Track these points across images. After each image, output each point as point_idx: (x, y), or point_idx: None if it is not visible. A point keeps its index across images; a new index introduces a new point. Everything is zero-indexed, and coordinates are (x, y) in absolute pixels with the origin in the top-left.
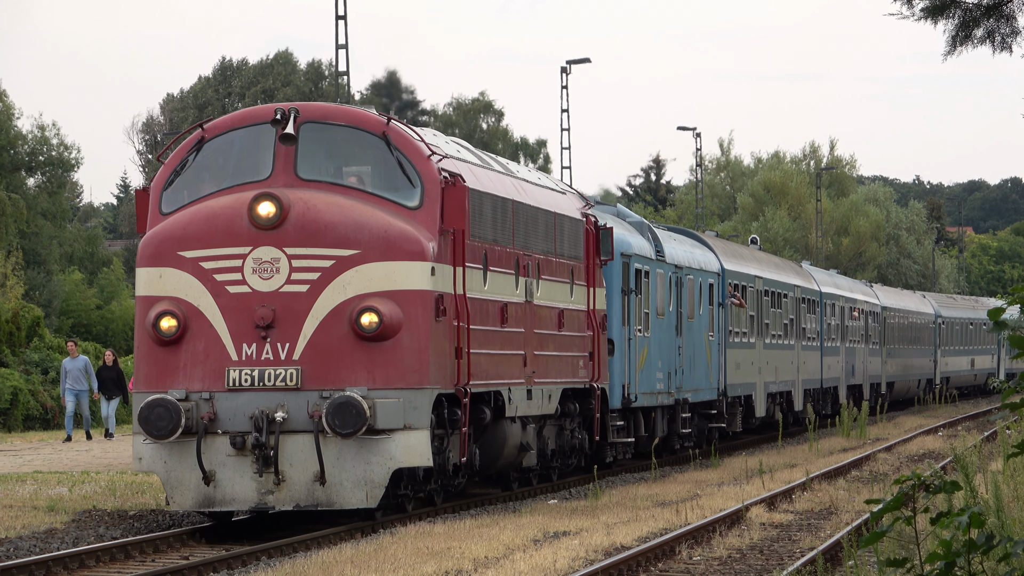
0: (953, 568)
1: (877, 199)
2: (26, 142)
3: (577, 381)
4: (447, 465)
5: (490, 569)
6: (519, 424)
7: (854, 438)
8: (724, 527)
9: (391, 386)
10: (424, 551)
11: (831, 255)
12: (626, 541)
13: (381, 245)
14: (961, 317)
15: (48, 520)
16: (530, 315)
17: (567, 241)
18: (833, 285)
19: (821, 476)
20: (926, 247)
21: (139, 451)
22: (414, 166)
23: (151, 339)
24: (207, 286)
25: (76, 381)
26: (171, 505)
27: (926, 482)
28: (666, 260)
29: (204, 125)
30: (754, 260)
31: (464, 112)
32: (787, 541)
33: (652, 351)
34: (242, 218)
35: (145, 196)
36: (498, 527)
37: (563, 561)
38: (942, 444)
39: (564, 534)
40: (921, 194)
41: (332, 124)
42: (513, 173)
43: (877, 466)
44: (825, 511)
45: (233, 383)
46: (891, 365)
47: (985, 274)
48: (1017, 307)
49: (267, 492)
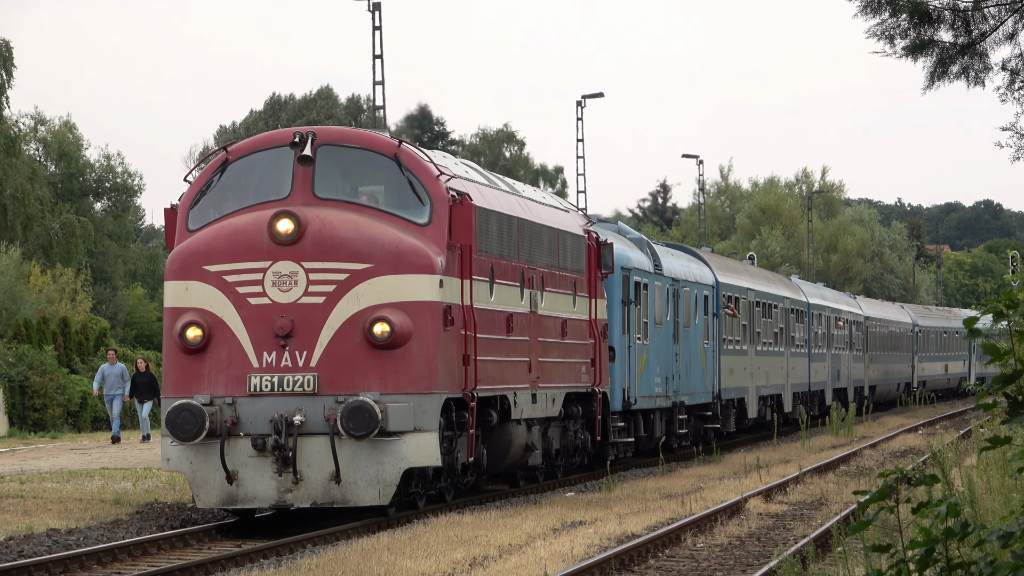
0: (932, 553)
1: (863, 220)
2: (94, 170)
3: (580, 385)
4: (456, 464)
5: (513, 555)
6: (524, 426)
7: (842, 436)
8: (725, 517)
9: (402, 391)
10: (454, 539)
11: (821, 270)
12: (636, 530)
13: (392, 259)
14: (936, 326)
15: (114, 512)
16: (534, 324)
17: (570, 255)
18: (820, 297)
19: (812, 471)
20: (907, 263)
21: (167, 452)
22: (424, 185)
23: (178, 348)
24: (230, 298)
25: (112, 387)
26: (197, 503)
27: (908, 476)
28: (664, 273)
29: (228, 148)
30: (746, 274)
31: (489, 142)
32: (782, 529)
33: (651, 357)
34: (263, 234)
35: (173, 214)
36: (520, 517)
37: (579, 548)
38: (922, 441)
39: (580, 523)
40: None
41: (347, 146)
42: (519, 192)
43: (863, 461)
44: (816, 502)
45: (254, 389)
46: (873, 370)
47: (960, 287)
48: (990, 317)
49: (286, 491)
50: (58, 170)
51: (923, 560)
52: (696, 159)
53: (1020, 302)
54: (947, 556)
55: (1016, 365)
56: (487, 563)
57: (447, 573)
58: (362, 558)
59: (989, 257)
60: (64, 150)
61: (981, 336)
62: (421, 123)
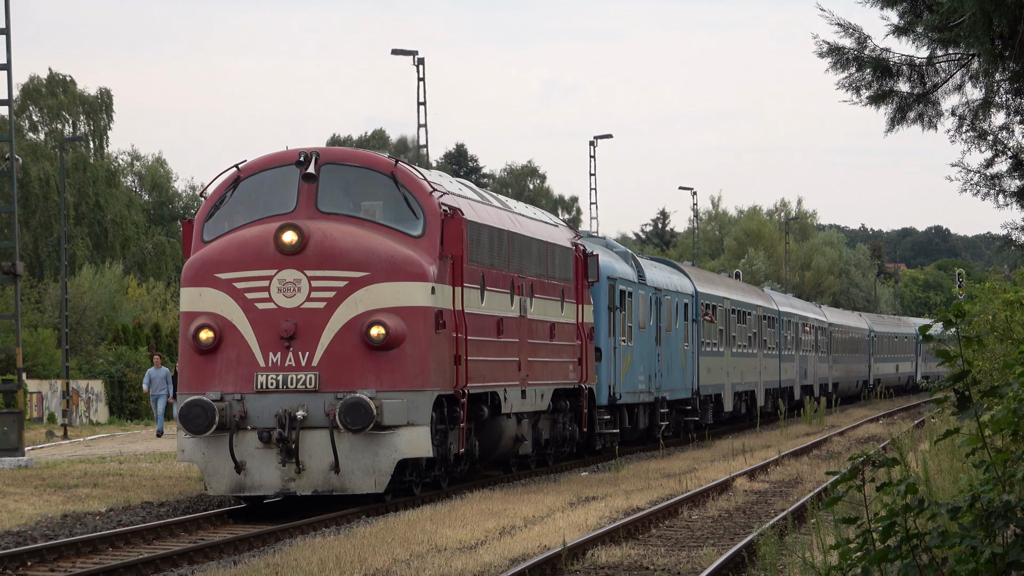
0: (894, 525)
1: (832, 242)
2: (181, 199)
3: (567, 382)
4: (449, 455)
5: (536, 525)
6: (514, 419)
7: (815, 425)
8: (716, 493)
9: (396, 388)
10: (486, 511)
11: (797, 285)
12: (641, 504)
13: (388, 268)
14: (889, 332)
15: (199, 488)
16: (524, 327)
17: (558, 266)
18: (789, 306)
19: (790, 454)
20: (869, 279)
21: (182, 444)
22: (418, 201)
23: (192, 348)
24: (239, 303)
25: (158, 387)
26: (208, 490)
27: (872, 459)
28: (647, 283)
29: (239, 166)
30: (723, 285)
31: (515, 175)
32: (764, 504)
33: (635, 358)
34: (269, 245)
35: (190, 226)
36: (542, 493)
37: (592, 519)
38: (883, 430)
39: (593, 499)
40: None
41: (348, 165)
42: (510, 208)
43: (833, 446)
44: (793, 481)
45: (261, 386)
46: (836, 369)
47: (915, 299)
48: (941, 325)
49: (290, 479)
50: (151, 199)
51: (886, 531)
52: (691, 191)
53: (966, 313)
54: (906, 527)
55: (964, 366)
56: (514, 532)
57: (480, 540)
58: (409, 527)
59: (939, 274)
60: (156, 182)
61: (934, 341)
62: (458, 160)
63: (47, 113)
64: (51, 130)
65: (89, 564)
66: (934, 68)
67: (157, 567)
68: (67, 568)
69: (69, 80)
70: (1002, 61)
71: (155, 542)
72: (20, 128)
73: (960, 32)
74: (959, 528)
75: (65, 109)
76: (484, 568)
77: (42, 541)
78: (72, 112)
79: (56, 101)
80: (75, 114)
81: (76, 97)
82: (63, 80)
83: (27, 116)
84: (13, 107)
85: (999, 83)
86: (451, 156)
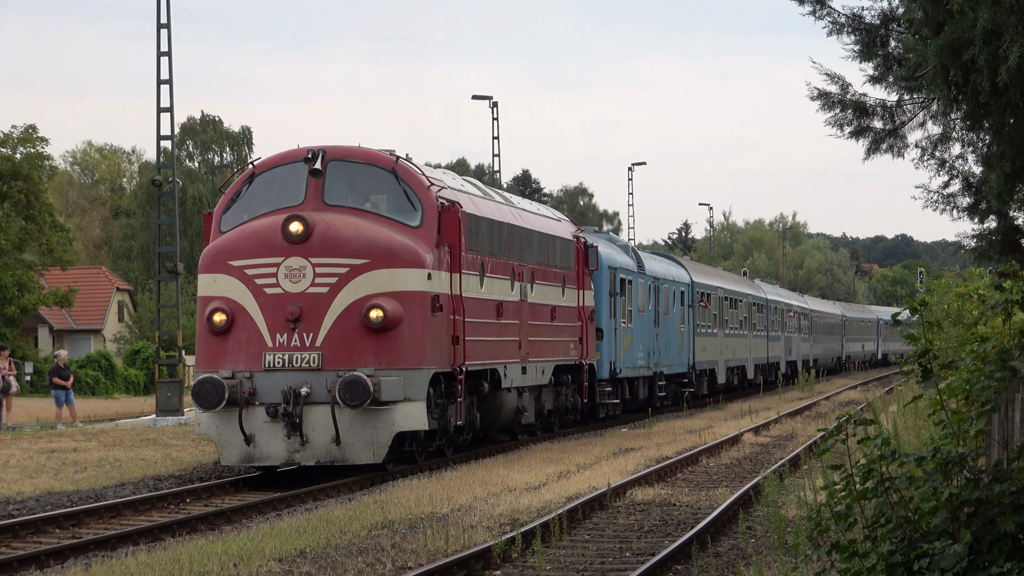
0: (871, 471)
1: (819, 247)
2: None
3: (568, 359)
4: (450, 427)
5: (587, 471)
6: (515, 393)
7: (806, 391)
8: (728, 445)
9: (393, 367)
10: (547, 459)
11: (792, 281)
12: (668, 454)
13: (387, 256)
14: (857, 317)
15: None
16: (524, 310)
17: (559, 255)
18: (776, 294)
19: (787, 415)
20: (849, 276)
21: (198, 418)
22: (416, 194)
23: (206, 330)
24: (250, 288)
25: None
26: (221, 461)
27: (854, 418)
28: (646, 272)
29: (254, 163)
30: (717, 275)
31: (569, 194)
32: (766, 454)
33: (635, 337)
34: (277, 234)
35: (209, 218)
36: (591, 445)
37: (631, 465)
38: (860, 395)
39: (631, 450)
40: (846, 244)
41: (353, 162)
42: (513, 204)
43: (821, 408)
44: (790, 436)
45: (268, 365)
46: (815, 348)
47: (885, 293)
48: (907, 312)
49: (295, 451)
50: None
51: (865, 475)
52: (708, 206)
53: (927, 303)
54: (881, 473)
55: (926, 344)
56: (569, 476)
57: (542, 482)
58: (486, 471)
59: (905, 273)
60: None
61: (902, 325)
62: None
63: (200, 146)
64: (204, 159)
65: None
66: (902, 109)
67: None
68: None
69: (218, 119)
70: (957, 104)
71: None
72: (179, 158)
73: (923, 81)
74: (923, 473)
75: (214, 142)
76: (546, 504)
77: (196, 483)
78: (220, 145)
79: (207, 136)
80: (222, 146)
81: (223, 133)
82: (213, 120)
83: (185, 148)
84: (175, 141)
85: (954, 121)
86: (518, 179)
